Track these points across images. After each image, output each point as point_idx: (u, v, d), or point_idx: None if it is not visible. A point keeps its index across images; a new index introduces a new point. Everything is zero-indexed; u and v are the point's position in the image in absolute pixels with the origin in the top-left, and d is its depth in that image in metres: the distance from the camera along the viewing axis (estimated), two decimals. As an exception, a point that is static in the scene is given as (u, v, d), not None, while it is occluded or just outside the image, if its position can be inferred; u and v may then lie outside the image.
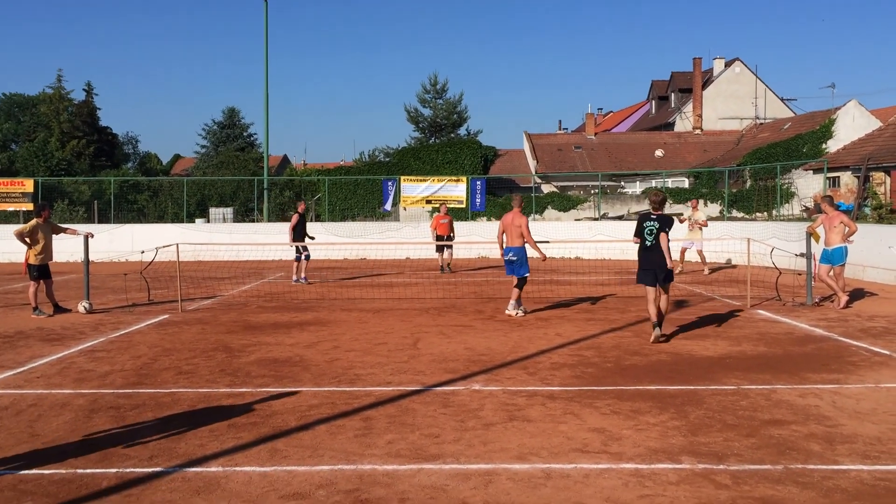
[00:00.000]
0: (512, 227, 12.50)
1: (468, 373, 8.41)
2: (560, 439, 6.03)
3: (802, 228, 14.87)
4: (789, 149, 36.05)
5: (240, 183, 37.76)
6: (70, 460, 5.60)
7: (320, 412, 6.84)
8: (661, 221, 10.14)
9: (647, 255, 10.23)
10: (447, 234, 20.97)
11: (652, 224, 10.16)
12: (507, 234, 12.56)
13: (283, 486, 5.10)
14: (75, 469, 5.42)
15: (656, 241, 10.10)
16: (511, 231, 12.51)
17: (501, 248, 12.73)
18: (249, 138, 58.85)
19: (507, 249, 12.57)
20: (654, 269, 10.12)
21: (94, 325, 12.02)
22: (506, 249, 12.60)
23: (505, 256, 12.64)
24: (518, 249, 12.50)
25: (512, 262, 12.55)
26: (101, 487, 5.09)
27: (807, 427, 6.30)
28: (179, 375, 8.38)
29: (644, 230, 10.22)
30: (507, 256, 12.60)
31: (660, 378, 8.12)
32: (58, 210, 32.41)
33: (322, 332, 11.19)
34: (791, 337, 10.51)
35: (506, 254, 12.60)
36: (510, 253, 12.54)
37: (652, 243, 10.13)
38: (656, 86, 59.97)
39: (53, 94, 56.84)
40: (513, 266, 12.56)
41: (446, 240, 20.83)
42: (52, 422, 6.60)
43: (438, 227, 21.14)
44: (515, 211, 12.69)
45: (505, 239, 12.60)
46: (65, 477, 5.27)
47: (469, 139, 44.99)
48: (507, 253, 12.57)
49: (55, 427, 6.44)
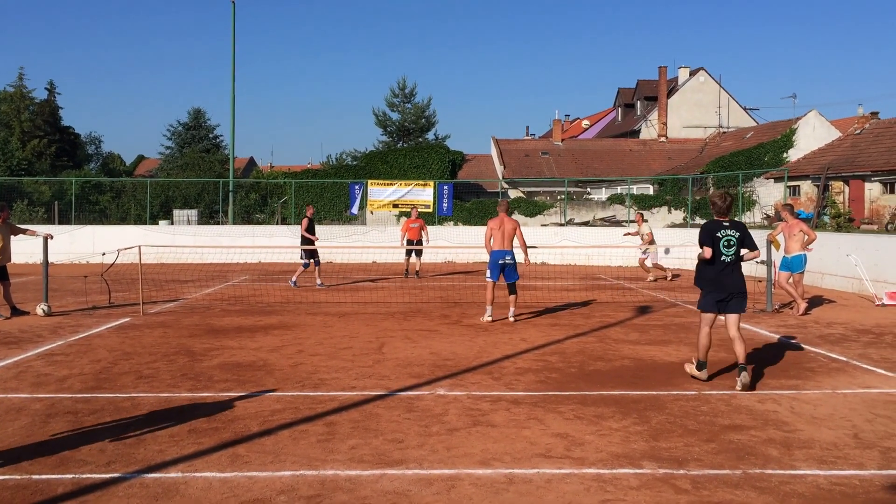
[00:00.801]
0: (506, 231, 12.39)
1: (433, 377, 8.40)
2: (523, 444, 6.04)
3: (763, 236, 15.08)
4: (751, 157, 36.61)
5: (205, 185, 37.38)
6: (25, 465, 5.49)
7: (283, 417, 6.79)
8: (739, 230, 8.08)
9: (723, 274, 8.00)
10: (417, 239, 20.58)
11: (730, 234, 8.00)
12: (500, 238, 12.36)
13: (243, 491, 5.05)
14: (30, 475, 5.31)
15: (736, 257, 8.05)
16: (507, 235, 12.39)
17: (490, 251, 12.49)
18: (215, 140, 58.32)
19: (504, 253, 12.35)
20: (730, 294, 8.03)
21: (52, 328, 11.81)
22: (502, 252, 12.34)
23: (501, 260, 12.35)
24: (513, 253, 12.50)
25: (510, 265, 12.43)
26: (57, 493, 5.00)
27: (765, 432, 6.38)
28: (140, 380, 8.26)
29: (720, 242, 7.98)
30: (504, 260, 12.35)
31: (623, 383, 8.18)
32: (17, 210, 31.79)
33: (286, 336, 11.11)
34: (751, 343, 10.62)
35: (502, 257, 12.34)
36: (507, 256, 12.39)
37: (731, 259, 8.00)
38: (622, 93, 60.55)
39: (14, 92, 55.75)
40: (509, 269, 12.45)
41: (416, 244, 20.58)
42: (7, 427, 6.46)
43: (409, 232, 20.81)
44: (504, 215, 12.61)
45: (493, 243, 12.41)
46: (19, 483, 5.17)
47: (437, 144, 45.05)
48: (505, 256, 12.35)
49: (10, 432, 6.31)
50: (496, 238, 12.41)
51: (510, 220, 12.61)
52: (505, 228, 12.43)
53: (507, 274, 12.50)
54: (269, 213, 35.74)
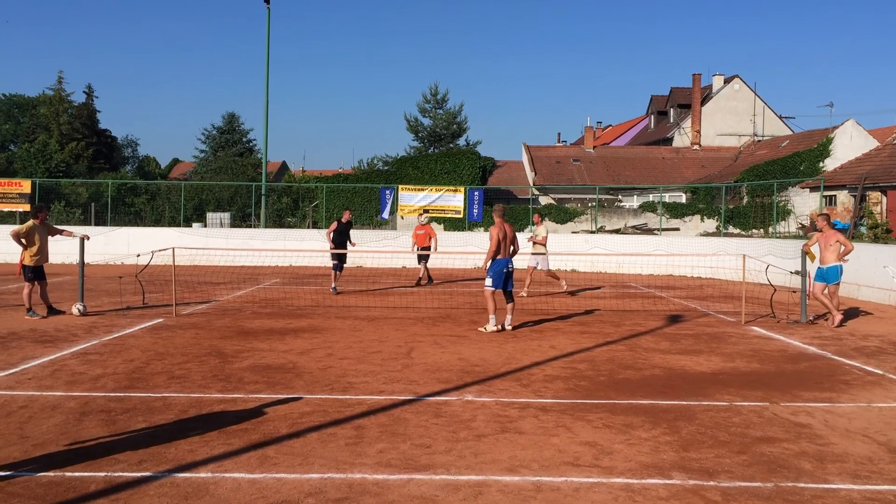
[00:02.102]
0: (509, 238, 12.13)
1: (461, 383, 8.39)
2: (551, 452, 6.01)
3: (798, 246, 14.89)
4: (787, 166, 36.12)
5: (238, 188, 37.76)
6: (59, 463, 5.58)
7: (312, 420, 6.83)
8: None
9: None
10: (425, 246, 19.88)
11: None
12: (505, 247, 12.06)
13: (271, 493, 5.08)
14: (64, 472, 5.39)
15: None
16: (509, 242, 12.12)
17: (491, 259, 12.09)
18: (248, 144, 58.87)
19: (507, 261, 12.11)
20: None
21: (87, 327, 11.99)
22: (506, 261, 12.08)
23: (505, 269, 12.07)
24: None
25: (510, 272, 12.22)
26: (90, 491, 5.07)
27: (798, 445, 6.29)
28: (171, 380, 8.35)
29: None
30: (508, 268, 12.10)
31: (653, 393, 8.11)
32: (55, 211, 32.36)
33: (316, 340, 11.17)
34: (785, 354, 10.51)
35: (506, 266, 12.08)
36: (510, 265, 12.19)
37: None
38: (655, 101, 60.18)
39: (54, 95, 56.84)
40: (509, 278, 12.22)
41: (422, 251, 19.89)
42: (43, 424, 6.57)
43: (417, 239, 20.13)
44: (503, 221, 12.26)
45: (500, 251, 12.03)
46: (53, 480, 5.25)
47: (468, 149, 45.01)
48: (508, 265, 12.12)
49: (45, 429, 6.41)
50: (502, 247, 12.06)
51: (509, 226, 12.34)
52: (508, 236, 12.13)
53: (509, 282, 12.25)
54: (301, 216, 35.98)
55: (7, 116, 67.25)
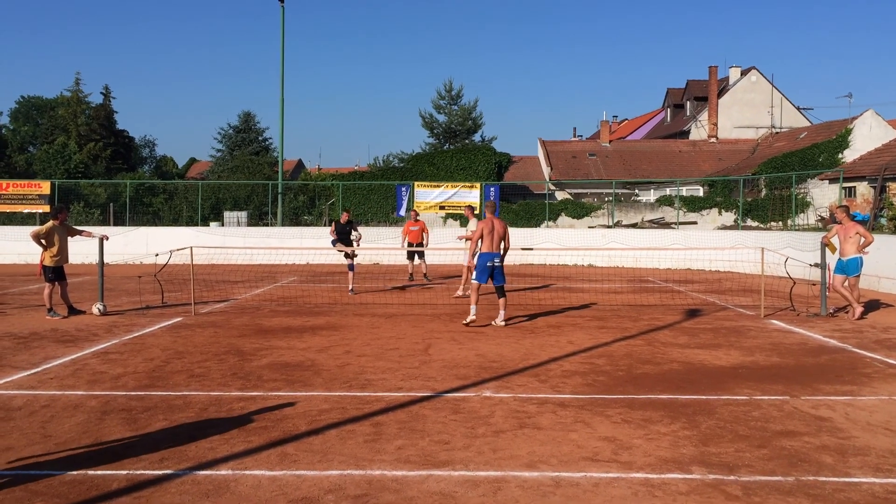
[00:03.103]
0: (497, 233, 12.22)
1: (479, 379, 8.40)
2: (570, 447, 6.01)
3: (817, 238, 14.77)
4: (805, 158, 35.83)
5: (254, 187, 37.92)
6: (81, 461, 5.63)
7: (331, 417, 6.85)
8: None
9: None
10: (418, 242, 19.71)
11: None
12: (490, 241, 12.17)
13: (292, 490, 5.11)
14: (86, 470, 5.45)
15: None
16: (497, 237, 12.23)
17: (475, 252, 12.38)
18: (264, 142, 59.08)
19: (493, 255, 12.19)
20: None
21: (107, 327, 12.10)
22: (491, 255, 12.17)
23: (489, 262, 12.17)
24: (500, 255, 12.38)
25: (498, 267, 12.27)
26: (112, 489, 5.12)
27: (819, 439, 6.25)
28: (191, 378, 8.41)
29: None
30: (492, 262, 12.18)
31: (671, 387, 8.08)
32: (74, 212, 32.62)
33: (334, 337, 11.21)
34: (804, 348, 10.44)
35: (491, 259, 12.16)
36: (496, 259, 12.24)
37: None
38: (672, 94, 59.83)
39: (71, 97, 57.28)
40: (497, 272, 12.27)
41: (417, 247, 19.74)
42: (65, 423, 6.64)
43: (409, 235, 19.85)
44: (493, 216, 12.44)
45: (483, 245, 12.20)
46: (76, 478, 5.30)
47: (483, 145, 44.94)
48: (494, 259, 12.19)
49: (67, 428, 6.48)
50: (486, 241, 12.20)
51: (500, 221, 12.45)
52: (496, 230, 12.26)
53: (496, 277, 12.29)
54: (317, 214, 36.09)
55: (26, 118, 67.92)
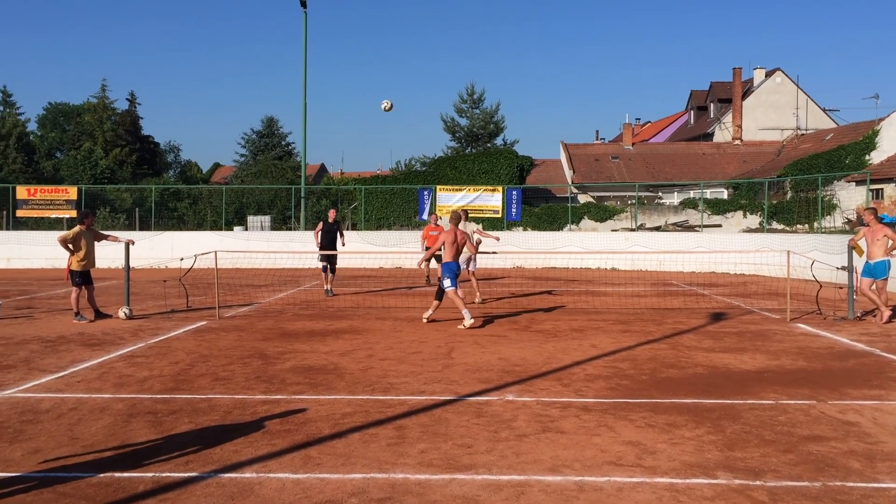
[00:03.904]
0: (459, 245, 12.64)
1: (502, 383, 8.38)
2: (593, 452, 5.98)
3: (844, 241, 14.59)
4: (831, 160, 35.46)
5: (277, 191, 38.16)
6: (108, 464, 5.69)
7: (354, 420, 6.87)
8: None
9: None
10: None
11: None
12: (453, 251, 12.53)
13: (315, 493, 5.13)
14: (113, 473, 5.50)
15: None
16: (459, 248, 12.66)
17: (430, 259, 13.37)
18: (287, 147, 59.49)
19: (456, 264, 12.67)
20: None
21: (133, 330, 12.22)
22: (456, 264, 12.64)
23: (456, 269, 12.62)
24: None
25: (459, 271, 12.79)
26: (138, 491, 5.16)
27: (846, 444, 6.17)
28: (216, 382, 8.47)
29: None
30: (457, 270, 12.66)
31: (696, 391, 8.02)
32: (100, 217, 33.05)
33: (357, 341, 11.24)
34: (831, 351, 10.32)
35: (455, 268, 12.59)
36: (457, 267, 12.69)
37: None
38: (695, 96, 59.46)
39: (98, 103, 58.07)
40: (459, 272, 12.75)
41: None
42: (92, 426, 6.71)
43: (428, 240, 18.59)
44: (456, 227, 12.81)
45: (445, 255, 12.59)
46: (102, 480, 5.36)
47: (505, 149, 44.93)
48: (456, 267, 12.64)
49: (94, 431, 6.55)
50: (448, 250, 12.54)
51: (462, 233, 12.83)
52: (458, 242, 12.63)
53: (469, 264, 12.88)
54: (340, 219, 36.25)
55: (53, 124, 68.90)
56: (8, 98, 60.02)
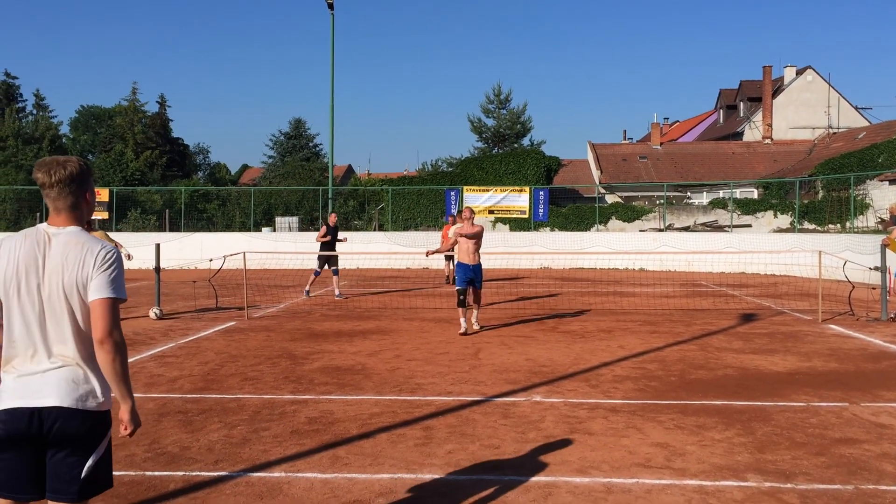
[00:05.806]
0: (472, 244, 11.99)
1: (529, 384, 8.37)
2: (622, 453, 5.95)
3: (877, 241, 14.37)
4: (864, 159, 34.90)
5: (305, 192, 38.37)
6: (139, 462, 5.76)
7: (381, 420, 6.90)
8: None
9: None
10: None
11: None
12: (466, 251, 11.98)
13: (343, 493, 5.15)
14: (144, 471, 5.57)
15: None
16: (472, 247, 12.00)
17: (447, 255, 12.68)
18: (315, 148, 59.75)
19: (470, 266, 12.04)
20: None
21: (164, 330, 12.36)
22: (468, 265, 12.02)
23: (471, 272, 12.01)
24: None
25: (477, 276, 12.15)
26: (169, 490, 5.22)
27: (880, 447, 6.08)
28: (245, 381, 8.55)
29: None
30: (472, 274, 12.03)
31: (726, 393, 7.94)
32: (131, 219, 33.45)
33: (384, 341, 11.28)
34: (864, 353, 10.17)
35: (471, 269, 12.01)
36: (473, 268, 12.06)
37: None
38: (724, 94, 58.89)
39: (129, 106, 58.78)
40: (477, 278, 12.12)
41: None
42: (123, 424, 6.78)
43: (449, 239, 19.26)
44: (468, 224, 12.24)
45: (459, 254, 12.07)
46: (134, 479, 5.42)
47: (532, 149, 44.77)
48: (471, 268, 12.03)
49: (126, 429, 6.61)
50: (461, 250, 12.02)
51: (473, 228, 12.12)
52: (469, 242, 12.00)
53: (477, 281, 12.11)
54: (367, 219, 36.38)
55: (85, 127, 69.90)
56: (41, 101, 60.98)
